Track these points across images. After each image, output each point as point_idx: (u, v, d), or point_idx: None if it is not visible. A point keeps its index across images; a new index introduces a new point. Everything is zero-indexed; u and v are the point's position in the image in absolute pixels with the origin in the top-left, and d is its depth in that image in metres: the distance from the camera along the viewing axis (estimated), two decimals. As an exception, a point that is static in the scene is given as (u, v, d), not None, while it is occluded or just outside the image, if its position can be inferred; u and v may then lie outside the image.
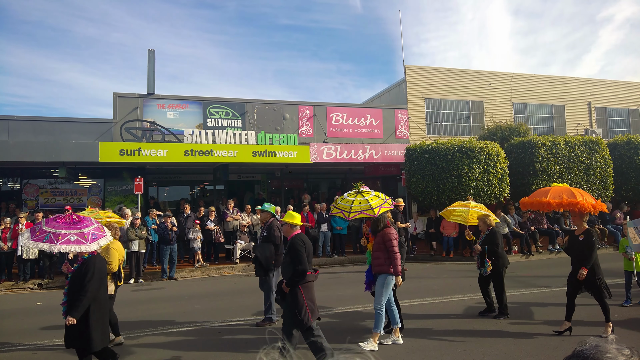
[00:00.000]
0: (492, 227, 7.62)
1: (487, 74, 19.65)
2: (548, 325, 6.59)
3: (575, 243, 6.37)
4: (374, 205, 5.93)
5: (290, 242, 5.21)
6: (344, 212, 6.14)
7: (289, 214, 5.55)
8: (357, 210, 6.00)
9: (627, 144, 16.61)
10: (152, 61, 15.00)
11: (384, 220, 6.01)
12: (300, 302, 4.91)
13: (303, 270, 4.98)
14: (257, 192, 18.76)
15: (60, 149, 12.51)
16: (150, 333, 6.87)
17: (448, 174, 13.99)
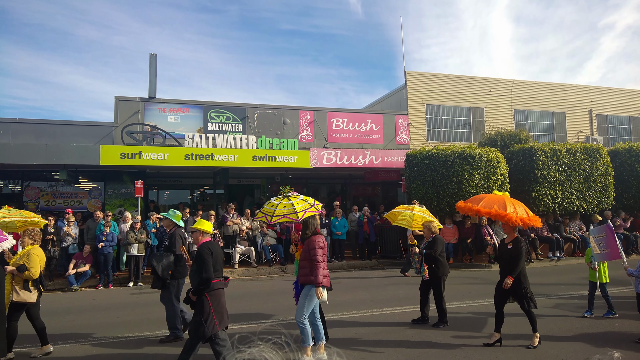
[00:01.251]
0: (436, 234, 7.56)
1: (487, 80, 19.70)
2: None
3: (505, 252, 6.28)
4: (299, 209, 5.75)
5: (197, 250, 5.21)
6: (267, 216, 5.90)
7: (199, 221, 5.47)
8: (281, 214, 5.82)
9: (628, 151, 16.59)
10: (153, 65, 15.08)
11: (312, 227, 5.71)
12: (206, 310, 4.97)
13: (208, 279, 5.01)
14: (257, 196, 18.77)
15: (62, 152, 12.56)
16: (149, 337, 6.86)
17: (448, 180, 13.98)
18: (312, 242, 5.57)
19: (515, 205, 6.40)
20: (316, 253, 5.48)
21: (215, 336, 4.98)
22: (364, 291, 10.27)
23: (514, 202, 6.50)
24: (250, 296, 10.04)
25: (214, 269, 5.14)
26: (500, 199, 6.54)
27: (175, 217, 6.93)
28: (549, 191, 14.70)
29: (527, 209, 6.51)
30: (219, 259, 5.34)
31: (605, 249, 7.36)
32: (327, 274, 5.59)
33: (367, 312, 8.16)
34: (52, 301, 9.92)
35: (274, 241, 13.92)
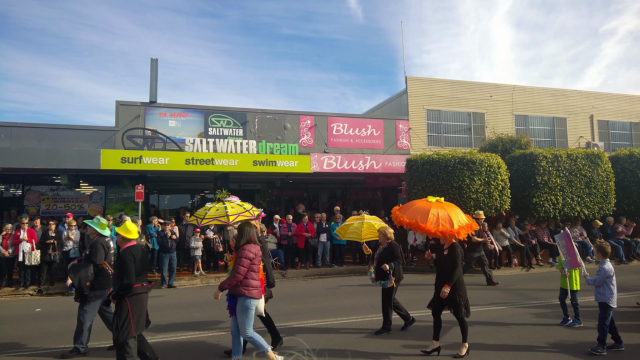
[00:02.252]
0: (391, 240, 7.36)
1: (488, 85, 19.72)
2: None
3: (442, 258, 6.09)
4: (231, 212, 5.53)
5: (119, 255, 5.20)
6: (197, 219, 5.70)
7: (123, 226, 5.39)
8: (211, 216, 5.61)
9: (630, 157, 16.57)
10: (154, 70, 15.14)
11: (246, 235, 5.41)
12: (124, 315, 5.01)
13: (128, 285, 5.02)
14: (258, 201, 18.77)
15: (62, 156, 12.59)
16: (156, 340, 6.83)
17: (449, 185, 13.96)
18: (241, 251, 5.31)
19: (441, 212, 6.01)
20: (241, 264, 5.20)
21: (125, 342, 5.02)
22: (364, 296, 10.24)
23: (444, 208, 6.15)
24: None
25: (137, 273, 5.15)
26: (426, 207, 6.14)
27: (99, 226, 6.40)
28: (550, 197, 14.66)
29: (459, 216, 6.13)
30: (143, 264, 5.32)
31: (567, 257, 7.31)
32: (257, 285, 5.33)
33: (367, 317, 8.13)
34: (52, 305, 9.91)
35: (273, 246, 13.89)
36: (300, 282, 12.66)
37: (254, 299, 5.27)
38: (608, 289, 6.17)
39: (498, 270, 13.65)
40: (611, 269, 6.26)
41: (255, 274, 5.34)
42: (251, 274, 5.29)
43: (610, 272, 6.23)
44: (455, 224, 5.92)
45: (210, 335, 7.18)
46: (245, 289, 5.22)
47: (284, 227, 14.02)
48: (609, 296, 6.14)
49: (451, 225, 5.89)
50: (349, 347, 6.38)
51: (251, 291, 5.25)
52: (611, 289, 6.17)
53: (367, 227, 8.02)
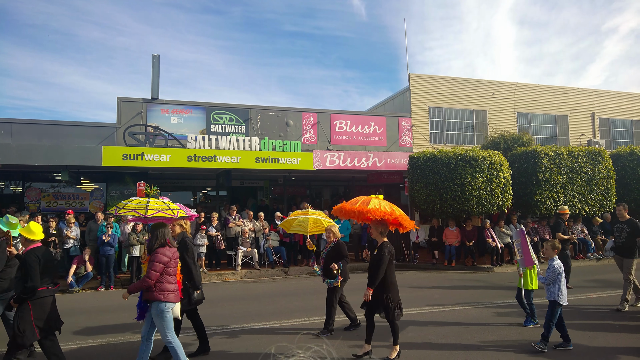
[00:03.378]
0: (338, 238, 7.25)
1: (491, 83, 19.68)
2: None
3: (372, 257, 5.80)
4: (151, 207, 5.34)
5: (24, 257, 5.03)
6: (117, 209, 5.40)
7: (27, 227, 5.20)
8: (130, 208, 5.37)
9: (630, 155, 16.60)
10: (156, 66, 15.06)
11: (160, 238, 5.13)
12: (25, 320, 4.85)
13: (32, 288, 4.85)
14: (260, 198, 18.74)
15: (63, 153, 12.52)
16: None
17: (451, 182, 13.96)
18: (154, 254, 5.06)
19: (383, 203, 6.00)
20: (153, 268, 4.95)
21: (23, 346, 4.87)
22: (367, 294, 10.21)
23: (386, 202, 6.11)
24: (252, 298, 10.00)
25: (43, 276, 4.98)
26: (368, 198, 6.12)
27: (9, 225, 5.74)
28: (551, 194, 14.67)
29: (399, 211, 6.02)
30: (48, 266, 5.13)
31: (522, 255, 7.15)
32: (174, 289, 5.12)
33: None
34: (54, 302, 9.87)
35: (276, 243, 13.87)
36: (302, 279, 12.64)
37: (169, 303, 5.05)
38: (557, 287, 6.03)
39: (500, 267, 13.66)
40: (560, 266, 6.13)
41: (172, 277, 5.14)
42: (166, 278, 5.07)
43: (559, 269, 6.09)
44: (371, 205, 5.87)
45: (211, 332, 7.16)
46: (160, 294, 4.99)
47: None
48: (558, 293, 6.00)
49: (392, 214, 5.84)
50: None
51: (167, 295, 5.03)
52: (560, 286, 6.04)
53: (313, 221, 7.89)
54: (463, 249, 14.08)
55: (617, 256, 8.54)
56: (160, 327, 5.05)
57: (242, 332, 7.14)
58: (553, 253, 6.28)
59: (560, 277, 6.07)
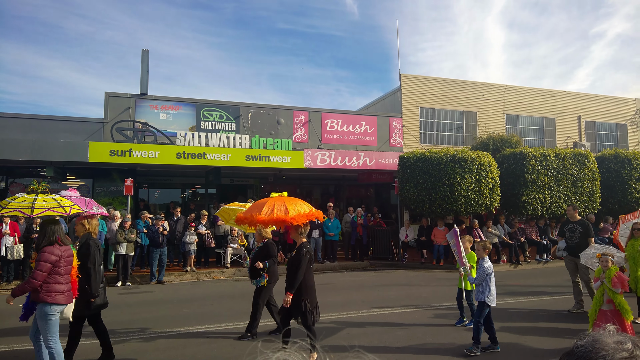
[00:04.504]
0: (268, 239, 7.14)
1: (481, 85, 19.85)
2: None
3: (290, 259, 5.59)
4: (39, 206, 5.03)
5: None
6: (21, 210, 5.02)
7: None
8: (14, 207, 5.03)
9: (615, 157, 16.90)
10: (145, 61, 14.86)
11: (49, 236, 4.83)
12: None
13: None
14: (250, 196, 18.62)
15: (49, 148, 12.28)
16: (136, 337, 6.73)
17: (440, 183, 14.05)
18: (41, 253, 4.76)
19: (278, 204, 5.60)
20: (39, 268, 4.65)
21: None
22: (356, 292, 10.24)
23: (282, 201, 5.70)
24: (240, 296, 9.92)
25: None
26: (262, 202, 5.79)
27: None
28: (538, 195, 14.87)
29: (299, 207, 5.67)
30: None
31: (456, 255, 7.09)
32: (64, 289, 4.82)
33: (359, 312, 8.13)
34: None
35: (265, 242, 13.79)
36: (292, 278, 12.59)
37: (57, 305, 4.75)
38: (487, 287, 5.90)
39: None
40: (490, 267, 5.98)
41: (62, 277, 4.82)
42: (55, 278, 4.75)
43: (489, 269, 5.95)
44: (291, 212, 5.43)
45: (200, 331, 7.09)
46: (47, 295, 4.68)
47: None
48: (487, 294, 5.86)
49: (286, 213, 5.39)
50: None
51: (54, 297, 4.72)
52: (490, 287, 5.90)
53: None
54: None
55: (568, 257, 8.40)
56: (42, 329, 4.73)
57: (227, 333, 7.09)
58: (484, 253, 6.10)
59: (490, 277, 5.91)
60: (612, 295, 5.77)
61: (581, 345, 1.00)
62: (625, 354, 0.95)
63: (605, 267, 5.93)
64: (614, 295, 5.75)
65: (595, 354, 0.96)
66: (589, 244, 7.89)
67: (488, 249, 6.14)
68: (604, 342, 0.98)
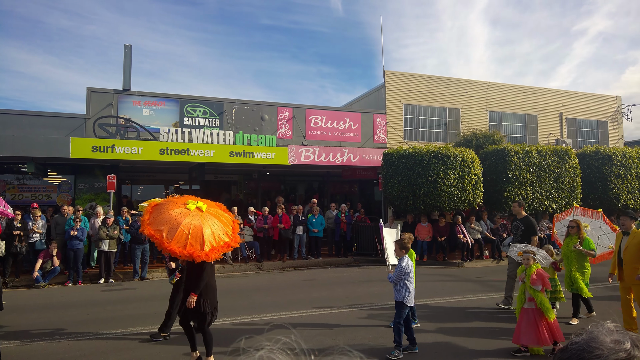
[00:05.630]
0: None
1: (464, 82, 20.04)
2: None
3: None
4: None
5: None
6: None
7: None
8: None
9: (596, 154, 17.18)
10: (128, 56, 14.71)
11: None
12: None
13: None
14: (234, 192, 18.59)
15: (30, 144, 12.11)
16: (120, 334, 6.71)
17: (424, 179, 14.16)
18: None
19: (194, 228, 4.98)
20: None
21: None
22: (340, 288, 10.31)
23: (200, 220, 5.12)
24: (225, 293, 9.92)
25: None
26: (178, 219, 5.05)
27: None
28: (520, 191, 15.09)
29: (217, 232, 5.12)
30: None
31: (382, 251, 6.93)
32: None
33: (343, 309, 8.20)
34: (17, 298, 9.58)
35: (250, 238, 13.81)
36: (276, 274, 12.64)
37: None
38: (405, 287, 5.69)
39: (470, 263, 13.98)
40: (408, 266, 5.74)
41: None
42: None
43: (407, 269, 5.71)
44: (207, 245, 4.92)
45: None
46: None
47: (259, 220, 13.94)
48: (405, 294, 5.66)
49: (202, 247, 4.89)
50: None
51: None
52: (408, 287, 5.70)
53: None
54: (435, 244, 14.34)
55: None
56: None
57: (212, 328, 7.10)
58: (401, 252, 5.83)
59: (408, 277, 5.71)
60: (533, 294, 5.68)
61: (576, 342, 0.96)
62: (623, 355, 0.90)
63: (526, 265, 5.89)
64: (535, 293, 5.67)
65: (589, 352, 0.91)
66: (531, 241, 7.82)
67: (406, 248, 5.89)
68: (600, 340, 0.93)
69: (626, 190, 16.78)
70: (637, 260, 6.23)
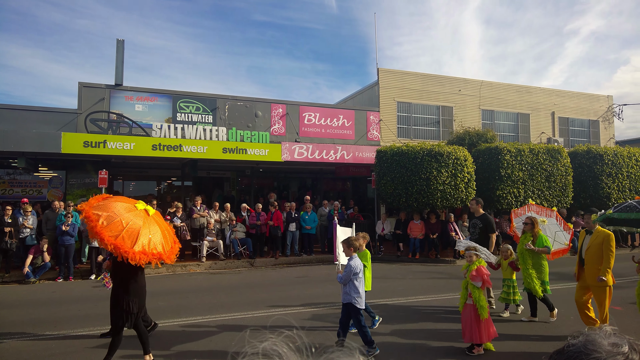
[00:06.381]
0: None
1: (457, 80, 20.09)
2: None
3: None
4: None
5: None
6: None
7: None
8: None
9: (587, 153, 17.30)
10: (120, 51, 14.58)
11: None
12: None
13: None
14: (227, 189, 18.54)
15: (20, 139, 11.99)
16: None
17: (417, 177, 14.21)
18: None
19: (154, 236, 4.93)
20: None
21: None
22: (332, 285, 10.32)
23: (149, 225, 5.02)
24: (217, 289, 9.93)
25: None
26: (135, 228, 4.89)
27: None
28: (512, 189, 15.18)
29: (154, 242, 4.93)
30: None
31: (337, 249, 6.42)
32: None
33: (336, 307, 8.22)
34: (7, 294, 9.51)
35: (242, 235, 13.79)
36: (268, 271, 12.63)
37: None
38: (354, 289, 5.46)
39: (462, 260, 14.04)
40: (358, 266, 5.51)
41: None
42: None
43: (356, 269, 5.48)
44: (138, 245, 4.78)
45: (176, 323, 7.08)
46: None
47: (252, 216, 13.93)
48: (354, 296, 5.44)
49: (132, 245, 4.74)
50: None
51: None
52: (357, 288, 5.46)
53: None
54: (427, 241, 14.40)
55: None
56: None
57: (206, 324, 7.09)
58: (350, 252, 5.60)
59: (357, 277, 5.48)
60: (472, 290, 5.67)
61: (573, 344, 0.95)
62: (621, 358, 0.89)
63: (469, 261, 5.86)
64: (474, 289, 5.65)
65: (586, 355, 0.90)
66: (490, 239, 7.68)
67: (354, 247, 5.60)
68: (598, 343, 0.92)
69: (617, 189, 16.93)
70: (598, 261, 6.02)
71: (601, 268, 5.99)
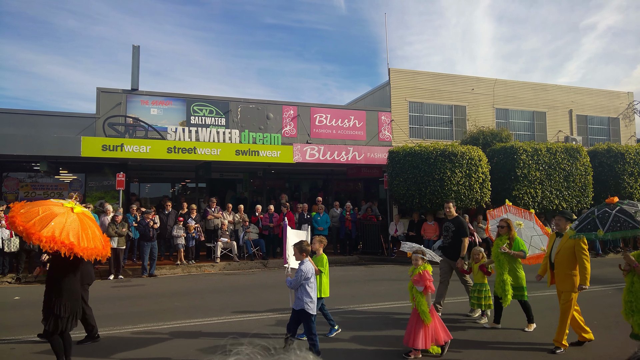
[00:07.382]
0: None
1: (470, 79, 19.90)
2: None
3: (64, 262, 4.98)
4: None
5: None
6: None
7: None
8: None
9: (608, 152, 16.82)
10: (136, 57, 14.91)
11: None
12: None
13: None
14: (239, 191, 18.74)
15: (42, 143, 12.37)
16: (131, 330, 6.86)
17: (430, 177, 14.11)
18: None
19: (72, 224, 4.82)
20: None
21: None
22: (346, 287, 10.38)
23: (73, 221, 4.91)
24: (231, 290, 10.08)
25: None
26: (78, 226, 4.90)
27: None
28: (529, 190, 14.95)
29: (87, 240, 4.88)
30: None
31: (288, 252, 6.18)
32: None
33: (350, 307, 8.28)
34: (30, 293, 9.81)
35: (255, 236, 13.95)
36: (281, 271, 12.72)
37: None
38: (305, 294, 5.24)
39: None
40: (309, 271, 5.31)
41: None
42: None
43: (307, 274, 5.27)
44: (47, 231, 4.64)
45: (192, 324, 7.23)
46: None
47: (265, 218, 14.07)
48: (307, 300, 5.24)
49: (41, 229, 4.64)
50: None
51: None
52: (309, 293, 5.25)
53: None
54: (440, 242, 14.30)
55: (444, 257, 7.55)
56: None
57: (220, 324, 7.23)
58: (301, 256, 5.40)
59: (309, 282, 5.29)
60: (416, 294, 5.55)
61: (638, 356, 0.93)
62: None
63: (415, 265, 5.66)
64: (417, 293, 5.52)
65: None
66: (462, 242, 7.42)
67: (305, 251, 5.41)
68: None
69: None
70: (568, 266, 5.69)
71: (579, 276, 5.63)
